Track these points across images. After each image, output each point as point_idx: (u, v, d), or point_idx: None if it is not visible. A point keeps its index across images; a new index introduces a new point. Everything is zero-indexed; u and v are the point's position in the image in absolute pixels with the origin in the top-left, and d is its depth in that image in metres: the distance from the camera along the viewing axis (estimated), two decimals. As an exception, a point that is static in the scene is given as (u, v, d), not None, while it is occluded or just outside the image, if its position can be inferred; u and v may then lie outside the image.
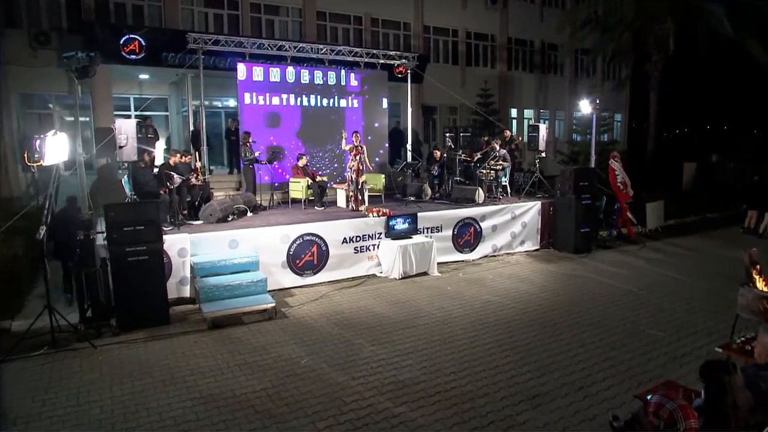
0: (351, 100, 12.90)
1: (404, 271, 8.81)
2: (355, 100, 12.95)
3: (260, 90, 11.59)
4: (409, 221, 9.30)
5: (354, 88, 12.87)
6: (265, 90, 11.63)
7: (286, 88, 11.89)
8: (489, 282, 8.59)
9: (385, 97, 13.42)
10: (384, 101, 13.39)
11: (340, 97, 12.72)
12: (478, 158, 11.89)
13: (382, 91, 13.37)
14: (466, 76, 21.16)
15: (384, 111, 13.48)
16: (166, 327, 6.69)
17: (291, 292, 8.15)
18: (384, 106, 13.41)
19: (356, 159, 9.94)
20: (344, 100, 12.78)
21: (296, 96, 12.08)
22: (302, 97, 12.15)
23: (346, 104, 12.80)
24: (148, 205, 6.75)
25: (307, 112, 12.28)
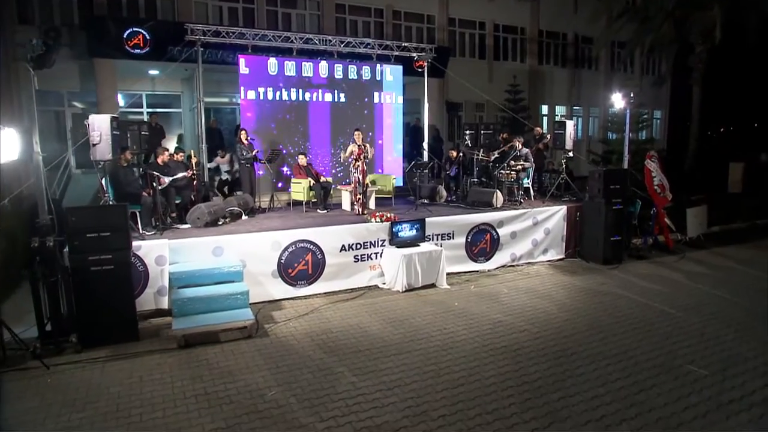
0: (362, 95, 12.06)
1: (408, 283, 7.94)
2: (367, 96, 12.10)
3: (262, 84, 10.87)
4: (416, 227, 8.42)
5: (365, 83, 12.02)
6: (267, 84, 10.90)
7: (291, 82, 11.14)
8: (503, 297, 7.63)
9: (399, 92, 12.51)
10: (398, 96, 12.49)
11: (350, 92, 11.89)
12: (496, 158, 10.89)
13: (397, 86, 12.47)
14: (493, 71, 20.11)
15: (398, 107, 12.58)
16: (133, 344, 6.01)
17: (281, 305, 7.39)
18: (398, 101, 12.51)
19: (360, 159, 9.10)
20: (354, 95, 11.95)
21: (301, 91, 11.30)
22: (307, 92, 11.37)
23: (356, 100, 11.96)
24: (115, 209, 6.09)
25: (312, 108, 11.50)
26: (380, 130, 12.34)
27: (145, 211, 7.57)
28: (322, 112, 11.58)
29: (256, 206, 9.82)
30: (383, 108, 12.33)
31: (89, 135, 6.79)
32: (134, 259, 6.73)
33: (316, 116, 11.49)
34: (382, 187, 10.96)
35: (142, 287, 6.83)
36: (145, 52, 12.56)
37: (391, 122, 12.51)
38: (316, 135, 11.58)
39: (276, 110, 11.13)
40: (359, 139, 9.12)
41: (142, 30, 12.44)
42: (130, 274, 6.08)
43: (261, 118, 10.97)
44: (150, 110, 16.57)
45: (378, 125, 12.29)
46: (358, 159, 9.08)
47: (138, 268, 6.78)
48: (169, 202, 8.29)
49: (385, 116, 12.40)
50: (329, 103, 11.63)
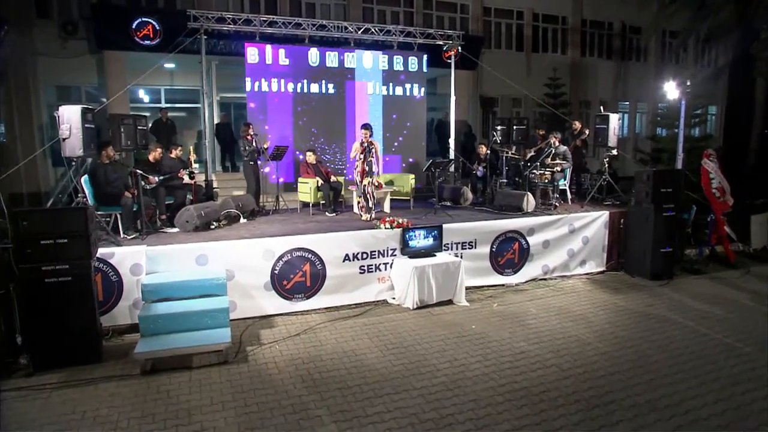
0: (379, 87, 11.06)
1: (420, 299, 6.92)
2: (385, 87, 11.10)
3: (271, 75, 10.03)
4: (433, 235, 7.39)
5: (385, 73, 11.04)
6: (276, 75, 10.06)
7: (301, 73, 10.26)
8: (530, 319, 6.51)
9: (422, 85, 11.46)
10: (421, 89, 11.44)
11: (367, 83, 10.92)
12: (531, 156, 9.72)
13: (419, 78, 11.43)
14: (532, 63, 18.75)
15: (421, 101, 11.54)
16: (93, 368, 5.21)
17: (273, 322, 6.50)
18: (421, 94, 11.46)
19: (361, 158, 8.11)
20: (372, 88, 10.97)
21: (313, 82, 10.41)
22: (320, 84, 10.47)
23: (374, 92, 10.98)
24: (74, 212, 5.29)
25: (325, 101, 10.58)
26: (401, 126, 11.33)
27: (126, 213, 6.81)
28: (336, 105, 10.66)
29: (259, 208, 8.98)
30: (405, 101, 11.31)
31: (59, 128, 6.06)
32: (107, 268, 6.01)
33: (328, 110, 10.58)
34: (399, 188, 9.96)
35: (116, 299, 6.08)
36: (155, 43, 11.90)
37: (413, 117, 11.47)
38: (328, 130, 10.67)
39: (285, 103, 10.28)
40: (366, 136, 8.12)
41: (152, 20, 11.80)
42: (91, 287, 5.28)
43: (269, 111, 10.14)
44: (168, 105, 16.11)
45: (398, 120, 11.28)
46: (360, 158, 8.08)
47: (111, 278, 6.04)
48: (158, 203, 7.53)
49: (406, 110, 11.37)
50: (344, 96, 10.70)
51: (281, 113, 10.29)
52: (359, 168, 8.12)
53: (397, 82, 11.15)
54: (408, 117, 11.40)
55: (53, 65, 14.02)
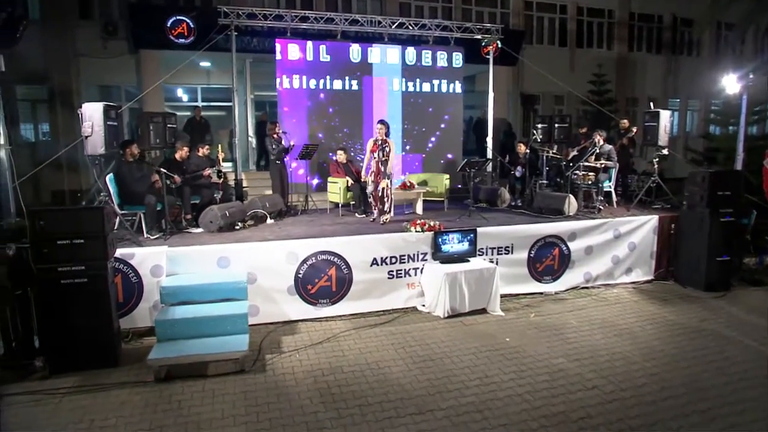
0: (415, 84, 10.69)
1: (451, 307, 6.51)
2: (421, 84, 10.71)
3: (302, 72, 9.81)
4: (466, 239, 6.97)
5: (420, 69, 10.65)
6: (307, 72, 9.83)
7: (334, 69, 10.01)
8: (570, 332, 6.01)
9: (459, 81, 11.03)
10: (458, 85, 11.00)
11: (402, 79, 10.57)
12: (573, 156, 9.15)
13: (455, 73, 10.99)
14: (576, 59, 18.00)
15: (458, 97, 11.09)
16: (108, 372, 5.05)
17: (296, 328, 6.22)
18: (458, 90, 11.02)
19: (376, 157, 7.74)
20: (407, 84, 10.61)
21: (347, 79, 10.14)
22: (353, 81, 10.18)
23: (405, 88, 10.61)
24: (90, 211, 5.14)
25: (358, 98, 10.28)
26: (436, 123, 10.92)
27: (149, 212, 6.67)
28: (370, 102, 10.34)
29: (287, 208, 8.75)
30: (441, 98, 10.91)
31: (81, 126, 5.95)
32: (127, 268, 5.86)
33: (362, 107, 10.27)
34: (433, 189, 9.55)
35: (136, 301, 5.93)
36: (189, 41, 11.88)
37: (449, 114, 11.05)
38: (361, 128, 10.36)
39: (317, 100, 10.03)
40: (381, 133, 7.72)
41: (186, 18, 11.78)
42: (107, 290, 5.11)
43: (299, 109, 9.92)
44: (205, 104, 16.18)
45: (434, 117, 10.89)
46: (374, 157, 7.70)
47: (131, 279, 5.89)
48: (183, 202, 7.37)
49: (442, 107, 10.97)
50: (378, 93, 10.37)
51: (312, 111, 10.05)
52: (374, 168, 7.73)
53: (434, 79, 10.75)
54: (443, 114, 10.98)
55: (95, 65, 14.25)
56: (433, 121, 10.93)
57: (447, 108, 11.01)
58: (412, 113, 10.72)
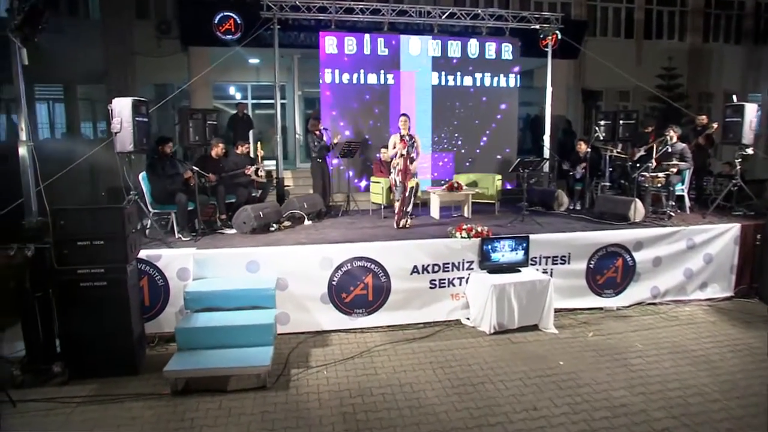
0: (469, 78, 10.07)
1: (498, 322, 5.89)
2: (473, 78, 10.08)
3: (347, 66, 9.40)
4: (518, 246, 6.32)
5: (472, 62, 10.02)
6: (353, 66, 9.41)
7: (381, 63, 9.54)
8: (634, 357, 5.26)
9: (514, 74, 10.30)
10: (512, 79, 10.28)
11: (452, 73, 9.97)
12: (641, 155, 8.26)
13: (510, 66, 10.27)
14: (643, 51, 16.73)
15: (512, 92, 10.37)
16: (127, 381, 4.80)
17: (328, 339, 5.79)
18: (512, 84, 10.30)
19: (404, 154, 7.15)
20: (457, 77, 10.00)
21: (393, 73, 9.65)
22: (400, 75, 9.67)
23: (456, 82, 10.00)
24: (111, 211, 4.87)
25: (406, 93, 9.77)
26: (488, 120, 10.26)
27: (180, 212, 6.41)
28: (418, 97, 9.80)
29: (327, 209, 8.35)
30: (494, 93, 10.23)
31: (111, 122, 5.74)
32: (153, 271, 5.61)
33: (409, 103, 9.73)
34: (483, 191, 8.91)
35: (162, 305, 5.68)
36: (237, 37, 11.73)
37: (503, 110, 10.35)
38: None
39: (362, 95, 9.60)
40: (405, 128, 7.13)
41: (234, 14, 11.63)
42: (127, 294, 4.84)
43: (344, 104, 9.52)
44: (255, 101, 16.12)
45: (485, 114, 10.23)
46: (401, 155, 7.10)
47: (157, 282, 5.64)
48: (218, 202, 7.10)
49: (496, 103, 10.29)
50: (428, 87, 9.83)
51: (356, 107, 9.63)
52: (401, 166, 7.14)
53: (487, 72, 10.10)
54: (496, 111, 10.30)
55: (150, 64, 14.44)
56: (484, 118, 10.27)
57: (500, 104, 10.32)
58: (461, 109, 10.11)
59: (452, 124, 10.11)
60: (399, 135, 7.12)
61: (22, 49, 4.63)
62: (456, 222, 7.25)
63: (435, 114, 9.92)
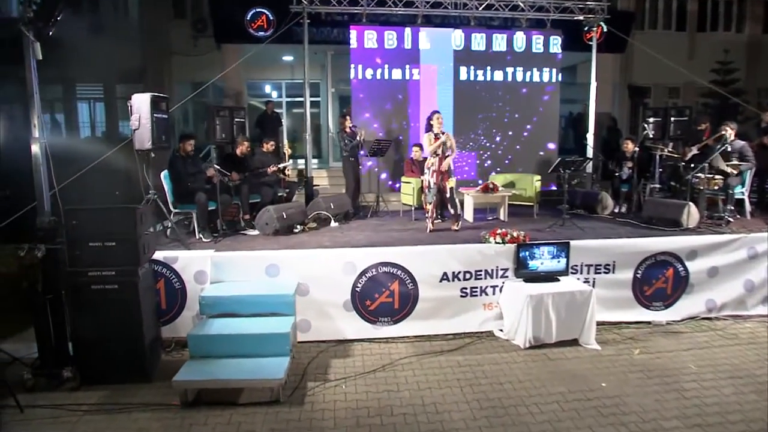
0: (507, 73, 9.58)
1: (534, 336, 5.42)
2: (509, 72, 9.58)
3: (378, 61, 9.07)
4: (557, 254, 5.83)
5: (511, 56, 9.52)
6: (384, 60, 9.09)
7: (413, 57, 9.17)
8: (687, 380, 4.71)
9: (555, 69, 9.74)
10: (554, 74, 9.72)
11: (490, 68, 9.49)
12: (694, 154, 7.60)
13: (551, 61, 9.71)
14: (696, 44, 15.76)
15: (553, 88, 9.81)
16: (138, 388, 4.59)
17: (351, 349, 5.46)
18: (553, 80, 9.74)
19: (438, 153, 6.73)
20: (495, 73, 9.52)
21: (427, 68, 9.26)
22: (435, 70, 9.28)
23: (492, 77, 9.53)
24: (122, 212, 4.66)
25: (441, 89, 9.39)
26: (527, 117, 9.73)
27: (200, 212, 6.20)
28: (454, 93, 9.37)
29: (355, 210, 8.04)
30: (534, 88, 9.70)
31: (130, 119, 5.57)
32: (170, 273, 5.41)
33: (444, 99, 9.33)
34: (521, 192, 8.40)
35: (179, 309, 5.46)
36: (269, 33, 11.55)
37: (544, 107, 9.81)
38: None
39: (393, 92, 9.25)
40: (438, 125, 6.70)
41: (266, 10, 11.46)
42: (138, 298, 4.63)
43: (376, 101, 9.19)
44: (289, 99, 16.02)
45: (524, 111, 9.70)
46: (435, 154, 6.70)
47: (174, 285, 5.43)
48: (242, 201, 6.87)
49: (535, 100, 9.77)
50: (463, 83, 9.41)
51: (388, 103, 9.29)
52: (436, 166, 6.74)
53: (526, 66, 9.59)
54: (536, 107, 9.78)
55: (186, 63, 14.49)
56: (523, 115, 9.76)
57: (540, 100, 9.79)
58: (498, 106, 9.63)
59: (486, 122, 9.63)
60: (432, 133, 6.72)
61: (36, 43, 4.46)
62: (491, 226, 6.80)
63: (470, 111, 9.47)
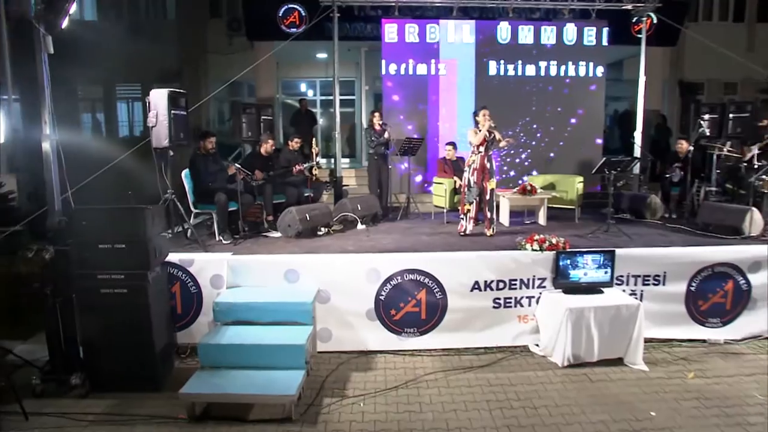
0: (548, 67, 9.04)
1: (574, 354, 4.93)
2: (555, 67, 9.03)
3: (411, 55, 8.71)
4: (601, 263, 5.31)
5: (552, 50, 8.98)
6: (417, 55, 8.71)
7: (448, 51, 8.74)
8: (752, 412, 4.14)
9: (600, 63, 9.13)
10: (599, 69, 9.12)
11: (530, 62, 8.97)
12: (756, 154, 6.90)
13: (596, 54, 9.11)
14: (756, 36, 14.68)
15: (598, 83, 9.20)
16: (146, 398, 4.36)
17: (373, 362, 5.10)
18: (598, 74, 9.13)
19: (481, 151, 6.26)
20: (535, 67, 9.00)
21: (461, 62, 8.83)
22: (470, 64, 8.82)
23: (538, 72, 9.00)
24: (133, 212, 4.43)
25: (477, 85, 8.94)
26: (568, 115, 9.17)
27: (220, 212, 5.96)
28: (491, 89, 8.94)
29: (384, 212, 7.68)
30: (578, 84, 9.13)
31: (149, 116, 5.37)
32: (186, 277, 5.19)
33: (481, 94, 8.88)
34: (562, 194, 7.86)
35: (195, 314, 5.24)
36: (301, 30, 11.32)
37: (588, 104, 9.22)
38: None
39: (427, 88, 8.86)
40: (484, 120, 6.21)
41: (298, 6, 11.22)
42: (147, 303, 4.40)
43: (407, 97, 8.83)
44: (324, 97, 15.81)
45: (566, 107, 9.14)
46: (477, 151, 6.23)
47: (190, 289, 5.20)
48: (265, 202, 6.61)
49: (579, 95, 9.18)
50: (501, 78, 8.93)
51: (421, 100, 8.90)
52: (477, 164, 6.28)
53: (570, 60, 9.02)
54: (578, 103, 9.20)
55: (221, 61, 14.49)
56: (565, 112, 9.20)
57: (583, 96, 9.21)
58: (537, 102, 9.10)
59: (526, 117, 9.13)
60: (477, 130, 6.29)
61: (47, 37, 4.28)
62: (528, 231, 6.33)
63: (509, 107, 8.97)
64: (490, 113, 6.23)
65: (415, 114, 9.01)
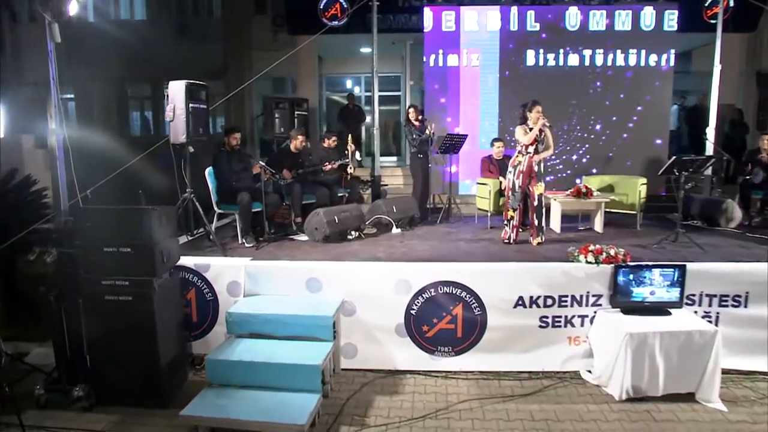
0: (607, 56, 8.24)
1: (634, 386, 4.21)
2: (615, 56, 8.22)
3: (455, 46, 8.11)
4: (670, 280, 4.56)
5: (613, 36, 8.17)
6: (458, 46, 8.09)
7: (496, 40, 8.08)
8: None
9: (667, 52, 8.22)
10: (664, 58, 8.21)
11: (588, 51, 8.19)
12: None
13: (664, 41, 8.21)
14: None
15: (665, 75, 8.29)
16: (150, 415, 4.01)
17: (401, 384, 4.56)
18: (663, 64, 8.23)
19: (527, 152, 5.57)
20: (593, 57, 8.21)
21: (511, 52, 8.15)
22: (521, 54, 8.13)
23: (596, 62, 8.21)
24: (140, 214, 4.07)
25: (527, 76, 8.24)
26: (630, 109, 8.32)
27: (243, 213, 5.56)
28: (542, 81, 8.23)
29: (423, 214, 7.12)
30: (642, 74, 8.27)
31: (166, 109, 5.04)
32: (201, 283, 4.83)
33: (531, 87, 8.17)
34: (621, 198, 7.05)
35: (211, 323, 4.89)
36: (343, 22, 10.91)
37: (650, 96, 8.34)
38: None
39: (472, 79, 8.21)
40: (536, 116, 5.52)
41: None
42: (153, 312, 4.02)
43: (451, 90, 8.23)
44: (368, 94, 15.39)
45: (630, 100, 8.31)
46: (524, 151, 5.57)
47: (206, 296, 4.85)
48: (293, 202, 6.18)
49: (644, 87, 8.32)
50: (553, 69, 8.21)
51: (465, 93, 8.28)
52: (524, 165, 5.60)
53: (633, 47, 8.19)
54: (641, 96, 8.33)
55: (265, 57, 14.22)
56: (626, 106, 8.37)
57: (647, 89, 8.33)
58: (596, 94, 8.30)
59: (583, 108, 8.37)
60: (527, 127, 5.64)
61: (53, 24, 3.97)
62: (582, 239, 5.62)
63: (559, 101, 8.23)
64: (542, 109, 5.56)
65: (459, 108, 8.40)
